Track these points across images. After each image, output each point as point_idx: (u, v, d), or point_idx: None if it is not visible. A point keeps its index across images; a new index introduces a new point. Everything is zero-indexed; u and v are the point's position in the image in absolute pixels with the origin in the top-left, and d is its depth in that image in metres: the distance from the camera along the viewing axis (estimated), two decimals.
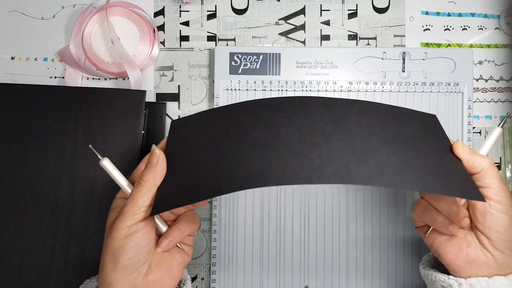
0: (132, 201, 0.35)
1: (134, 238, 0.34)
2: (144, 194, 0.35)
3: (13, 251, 0.49)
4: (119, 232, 0.34)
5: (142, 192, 0.35)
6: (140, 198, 0.35)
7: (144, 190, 0.35)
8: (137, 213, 0.35)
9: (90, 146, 0.38)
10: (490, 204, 0.35)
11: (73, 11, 0.55)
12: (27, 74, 0.55)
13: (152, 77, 0.55)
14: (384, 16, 0.55)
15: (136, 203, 0.35)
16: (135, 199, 0.35)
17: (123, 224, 0.34)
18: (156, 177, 0.36)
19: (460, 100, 0.52)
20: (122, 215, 0.35)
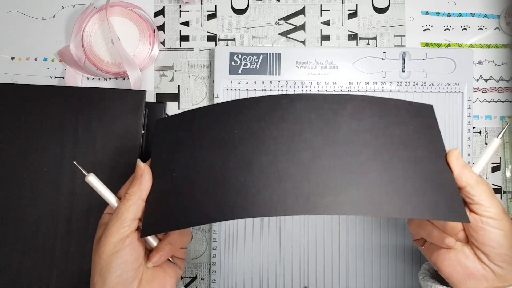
0: (117, 215, 0.34)
1: (120, 255, 0.33)
2: (129, 207, 0.34)
3: (13, 251, 0.49)
4: (105, 249, 0.33)
5: (127, 205, 0.34)
6: (125, 211, 0.34)
7: (129, 203, 0.34)
8: (122, 228, 0.33)
9: (74, 162, 0.36)
10: (482, 220, 0.34)
11: (73, 11, 0.55)
12: (27, 74, 0.55)
13: (152, 77, 0.55)
14: (384, 16, 0.55)
15: (121, 217, 0.33)
16: (120, 213, 0.34)
17: (109, 241, 0.33)
18: (141, 189, 0.35)
19: (460, 100, 0.52)
20: (107, 230, 0.33)
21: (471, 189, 0.35)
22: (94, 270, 0.33)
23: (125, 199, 0.34)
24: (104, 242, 0.33)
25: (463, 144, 0.52)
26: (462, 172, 0.35)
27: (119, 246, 0.33)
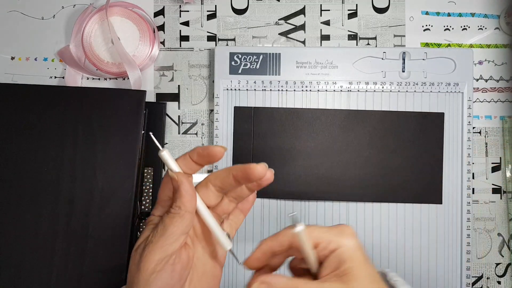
0: (163, 228, 0.29)
1: (161, 276, 0.29)
2: (174, 221, 0.29)
3: (12, 251, 0.49)
4: (146, 265, 0.29)
5: (173, 219, 0.29)
6: (171, 225, 0.29)
7: (175, 217, 0.30)
8: (167, 244, 0.29)
9: (150, 134, 0.33)
10: None
11: (73, 11, 0.55)
12: (27, 74, 0.55)
13: (152, 77, 0.55)
14: (384, 16, 0.55)
15: (166, 231, 0.29)
16: (166, 227, 0.29)
17: (151, 257, 0.29)
18: (183, 202, 0.30)
19: (460, 100, 0.52)
20: (151, 244, 0.29)
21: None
22: (133, 282, 0.29)
23: (171, 212, 0.30)
24: (146, 258, 0.29)
25: (463, 144, 0.52)
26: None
27: (160, 266, 0.29)
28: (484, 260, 0.53)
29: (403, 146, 0.52)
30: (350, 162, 0.52)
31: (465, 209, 0.51)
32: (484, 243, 0.53)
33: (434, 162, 0.52)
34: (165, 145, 0.54)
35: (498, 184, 0.54)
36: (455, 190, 0.52)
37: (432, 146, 0.52)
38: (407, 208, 0.52)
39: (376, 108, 0.52)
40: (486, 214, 0.53)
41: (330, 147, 0.52)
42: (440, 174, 0.52)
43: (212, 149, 0.31)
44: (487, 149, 0.54)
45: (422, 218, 0.52)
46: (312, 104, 0.53)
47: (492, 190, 0.54)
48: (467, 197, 0.51)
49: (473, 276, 0.53)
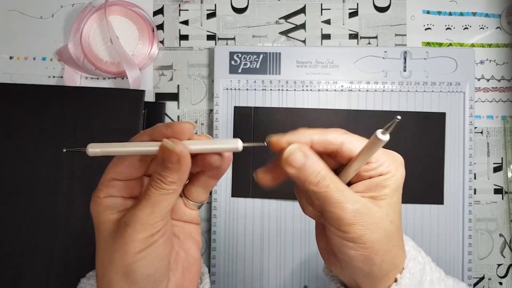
0: (151, 206, 0.26)
1: (153, 250, 0.26)
2: (167, 197, 0.26)
3: (11, 252, 0.49)
4: (132, 245, 0.26)
5: (165, 194, 0.26)
6: (163, 201, 0.26)
7: (168, 193, 0.26)
8: (157, 222, 0.26)
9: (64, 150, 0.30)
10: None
11: (72, 10, 0.55)
12: (26, 73, 0.55)
13: (151, 76, 0.55)
14: (385, 15, 0.55)
15: (156, 209, 0.26)
16: (156, 204, 0.26)
17: (136, 237, 0.26)
18: (182, 178, 0.27)
19: (462, 100, 0.52)
20: (135, 224, 0.26)
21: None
22: (113, 271, 0.26)
23: (161, 187, 0.26)
24: (130, 237, 0.26)
25: (464, 144, 0.52)
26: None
27: (151, 240, 0.26)
28: (485, 261, 0.53)
29: (404, 146, 0.52)
30: None
31: (467, 210, 0.51)
32: (486, 244, 0.53)
33: (436, 162, 0.51)
34: None
35: (500, 185, 0.53)
36: (457, 190, 0.51)
37: (434, 146, 0.52)
38: (408, 209, 0.52)
39: (377, 108, 0.52)
40: (487, 214, 0.53)
41: None
42: (441, 175, 0.51)
43: (178, 126, 0.27)
44: (488, 149, 0.54)
45: (424, 218, 0.51)
46: (313, 104, 0.52)
47: (494, 191, 0.53)
48: (468, 198, 0.51)
49: (475, 277, 0.53)
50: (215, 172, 0.29)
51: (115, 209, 0.28)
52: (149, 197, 0.26)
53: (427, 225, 0.51)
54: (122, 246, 0.26)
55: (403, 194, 0.51)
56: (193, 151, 0.27)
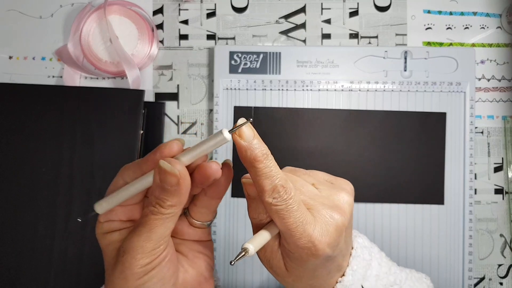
0: (149, 232, 0.25)
1: (156, 273, 0.26)
2: (167, 223, 0.26)
3: (11, 252, 0.48)
4: (131, 272, 0.25)
5: (163, 220, 0.25)
6: (160, 227, 0.25)
7: (167, 218, 0.25)
8: (157, 248, 0.26)
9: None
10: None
11: (71, 10, 0.55)
12: (25, 73, 0.55)
13: (151, 76, 0.54)
14: (385, 14, 0.54)
15: (154, 235, 0.25)
16: (154, 230, 0.25)
17: (135, 264, 0.25)
18: (182, 200, 0.26)
19: (462, 100, 0.52)
20: (133, 251, 0.25)
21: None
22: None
23: (158, 211, 0.25)
24: (129, 265, 0.25)
25: (465, 144, 0.51)
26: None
27: (151, 265, 0.26)
28: (486, 261, 0.53)
29: (405, 146, 0.51)
30: (351, 163, 0.51)
31: (467, 210, 0.51)
32: (486, 244, 0.53)
33: (436, 163, 0.51)
34: None
35: (500, 185, 0.53)
36: (457, 190, 0.51)
37: (434, 146, 0.51)
38: (409, 209, 0.51)
39: (378, 107, 0.52)
40: (488, 215, 0.53)
41: (331, 147, 0.51)
42: (442, 175, 0.51)
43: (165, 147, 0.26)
44: (489, 149, 0.54)
45: (424, 219, 0.51)
46: (313, 103, 0.52)
47: (494, 191, 0.53)
48: (469, 198, 0.51)
49: (475, 277, 0.53)
50: (216, 191, 0.29)
51: (116, 232, 0.27)
52: (145, 223, 0.25)
53: (428, 225, 0.51)
54: (123, 273, 0.26)
55: (404, 194, 0.51)
56: (187, 162, 0.26)
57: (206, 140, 0.26)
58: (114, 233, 0.28)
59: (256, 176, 0.26)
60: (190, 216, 0.30)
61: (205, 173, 0.26)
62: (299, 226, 0.26)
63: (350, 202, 0.30)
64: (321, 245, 0.27)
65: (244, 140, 0.26)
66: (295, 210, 0.26)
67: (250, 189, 0.28)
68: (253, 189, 0.28)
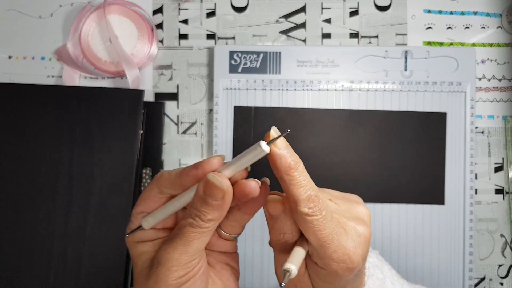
0: (185, 245, 0.25)
1: (189, 286, 0.26)
2: (204, 237, 0.26)
3: (10, 253, 0.48)
4: (167, 283, 0.25)
5: (202, 235, 0.25)
6: (196, 240, 0.25)
7: (205, 232, 0.25)
8: (193, 260, 0.26)
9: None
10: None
11: (71, 10, 0.55)
12: (25, 73, 0.55)
13: (150, 76, 0.54)
14: (386, 14, 0.54)
15: (190, 248, 0.25)
16: (190, 243, 0.25)
17: (170, 276, 0.25)
18: (222, 215, 0.26)
19: (463, 100, 0.52)
20: (169, 263, 0.25)
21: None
22: None
23: (198, 225, 0.25)
24: (163, 276, 0.25)
25: (465, 144, 0.51)
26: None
27: (187, 277, 0.26)
28: (486, 262, 0.53)
29: (405, 146, 0.51)
30: (351, 163, 0.51)
31: (468, 210, 0.51)
32: (487, 244, 0.53)
33: (436, 162, 0.51)
34: (164, 145, 0.54)
35: (501, 185, 0.53)
36: (458, 190, 0.51)
37: (434, 146, 0.51)
38: (409, 209, 0.51)
39: (378, 107, 0.52)
40: (488, 215, 0.53)
41: (331, 147, 0.51)
42: (442, 175, 0.51)
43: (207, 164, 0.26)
44: (489, 149, 0.53)
45: (424, 219, 0.51)
46: (313, 103, 0.52)
47: (495, 191, 0.53)
48: (469, 198, 0.51)
49: (476, 277, 0.52)
50: (251, 207, 0.28)
51: (148, 241, 0.27)
52: (183, 235, 0.25)
53: (428, 225, 0.51)
54: (156, 284, 0.25)
55: (404, 194, 0.51)
56: (228, 176, 0.26)
57: (244, 153, 0.25)
58: (147, 243, 0.27)
59: (290, 186, 0.25)
60: (220, 228, 0.29)
61: (244, 191, 0.26)
62: (334, 238, 0.25)
63: (369, 214, 0.29)
64: (356, 257, 0.26)
65: (278, 148, 0.25)
66: (329, 220, 0.26)
67: (275, 208, 0.27)
68: (278, 207, 0.27)
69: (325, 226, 0.25)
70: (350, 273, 0.26)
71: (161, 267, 0.25)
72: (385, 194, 0.51)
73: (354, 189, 0.51)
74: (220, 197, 0.25)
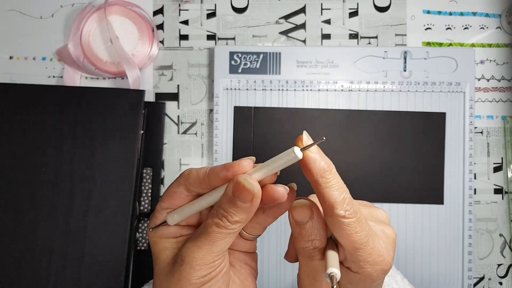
0: (210, 245, 0.25)
1: (211, 285, 0.26)
2: (227, 236, 0.25)
3: (11, 252, 0.48)
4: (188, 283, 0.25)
5: (225, 234, 0.25)
6: (221, 241, 0.25)
7: (229, 232, 0.25)
8: (216, 260, 0.26)
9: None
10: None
11: (72, 10, 0.55)
12: (26, 73, 0.55)
13: (151, 76, 0.55)
14: (385, 15, 0.54)
15: (215, 248, 0.25)
16: (215, 243, 0.25)
17: (193, 274, 0.25)
18: (249, 217, 0.26)
19: (462, 100, 0.52)
20: (193, 261, 0.25)
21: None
22: None
23: (224, 225, 0.25)
24: (187, 274, 0.25)
25: (464, 144, 0.51)
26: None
27: (209, 277, 0.26)
28: (485, 261, 0.53)
29: (405, 146, 0.52)
30: (351, 163, 0.51)
31: (467, 210, 0.51)
32: (486, 244, 0.53)
33: (436, 163, 0.51)
34: (164, 145, 0.54)
35: (500, 185, 0.53)
36: (457, 190, 0.51)
37: (434, 146, 0.52)
38: (409, 209, 0.51)
39: (377, 108, 0.52)
40: (487, 214, 0.53)
41: (330, 148, 0.51)
42: (441, 175, 0.51)
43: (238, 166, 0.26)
44: (488, 149, 0.54)
45: (424, 218, 0.51)
46: (313, 104, 0.52)
47: (494, 191, 0.53)
48: (469, 198, 0.51)
49: (475, 277, 0.53)
50: (276, 212, 0.28)
51: (171, 238, 0.27)
52: (208, 235, 0.25)
53: (427, 225, 0.51)
54: (179, 282, 0.25)
55: (403, 194, 0.51)
56: (258, 179, 0.25)
57: (277, 158, 0.25)
58: (170, 239, 0.28)
59: (325, 188, 0.25)
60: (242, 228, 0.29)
61: (273, 196, 0.26)
62: (369, 240, 0.25)
63: (388, 217, 0.29)
64: (389, 258, 0.26)
65: (310, 152, 0.25)
66: (363, 223, 0.25)
67: (304, 213, 0.26)
68: (306, 212, 0.26)
69: (361, 228, 0.25)
70: (384, 275, 0.26)
71: (185, 265, 0.25)
72: (385, 194, 0.51)
73: (353, 189, 0.51)
74: (249, 199, 0.25)
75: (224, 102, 0.52)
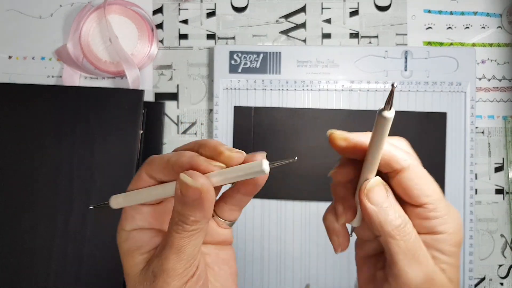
0: (177, 253, 0.23)
1: None
2: (194, 241, 0.24)
3: (10, 252, 0.48)
4: None
5: (189, 238, 0.24)
6: (187, 246, 0.23)
7: (193, 235, 0.24)
8: (189, 267, 0.24)
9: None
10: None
11: (71, 10, 0.55)
12: (25, 73, 0.55)
13: (150, 76, 0.54)
14: (386, 14, 0.54)
15: (182, 255, 0.23)
16: (181, 250, 0.23)
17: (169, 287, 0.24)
18: (206, 216, 0.24)
19: (463, 100, 0.52)
20: (165, 274, 0.23)
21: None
22: None
23: (183, 229, 0.23)
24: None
25: (465, 144, 0.51)
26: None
27: (188, 286, 0.24)
28: (486, 262, 0.53)
29: None
30: None
31: (468, 210, 0.51)
32: (487, 244, 0.53)
33: (436, 163, 0.51)
34: (164, 145, 0.54)
35: (501, 185, 0.53)
36: (458, 190, 0.51)
37: (434, 146, 0.51)
38: None
39: (378, 107, 0.52)
40: (488, 215, 0.53)
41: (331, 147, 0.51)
42: (442, 175, 0.51)
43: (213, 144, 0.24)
44: (490, 149, 0.53)
45: None
46: (313, 103, 0.52)
47: (495, 191, 0.53)
48: (469, 198, 0.51)
49: (476, 277, 0.52)
50: (251, 188, 0.26)
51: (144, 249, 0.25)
52: (172, 243, 0.23)
53: None
54: None
55: None
56: (215, 183, 0.24)
57: (241, 168, 0.23)
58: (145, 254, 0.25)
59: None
60: (216, 215, 0.28)
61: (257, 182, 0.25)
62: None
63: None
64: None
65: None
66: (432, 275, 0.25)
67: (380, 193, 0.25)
68: (382, 192, 0.25)
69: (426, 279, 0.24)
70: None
71: (157, 280, 0.24)
72: None
73: None
74: (196, 196, 0.22)
75: (224, 102, 0.52)
